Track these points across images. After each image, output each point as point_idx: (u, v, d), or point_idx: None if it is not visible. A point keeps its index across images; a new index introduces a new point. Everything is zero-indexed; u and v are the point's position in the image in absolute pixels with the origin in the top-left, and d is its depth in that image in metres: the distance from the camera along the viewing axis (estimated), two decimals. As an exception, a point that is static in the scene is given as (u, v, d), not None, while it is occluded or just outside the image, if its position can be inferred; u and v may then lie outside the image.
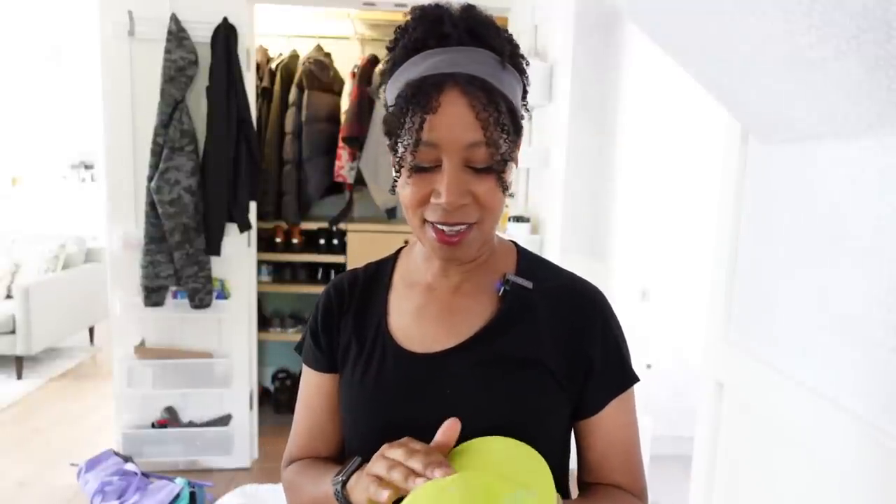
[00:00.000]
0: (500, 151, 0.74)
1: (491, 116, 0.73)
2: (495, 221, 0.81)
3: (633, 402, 0.88)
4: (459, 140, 0.73)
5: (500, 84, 0.75)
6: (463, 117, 0.72)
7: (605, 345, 0.84)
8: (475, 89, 0.73)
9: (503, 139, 0.74)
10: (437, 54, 0.74)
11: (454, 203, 0.74)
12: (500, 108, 0.74)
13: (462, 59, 0.74)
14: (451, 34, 0.75)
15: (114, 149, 2.97)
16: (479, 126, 0.72)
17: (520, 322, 0.84)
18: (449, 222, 0.76)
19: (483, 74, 0.74)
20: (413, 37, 0.76)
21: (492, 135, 0.73)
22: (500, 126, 0.74)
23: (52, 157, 6.26)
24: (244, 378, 3.23)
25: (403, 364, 0.84)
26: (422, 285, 0.89)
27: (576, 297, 0.87)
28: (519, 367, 0.82)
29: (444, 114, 0.72)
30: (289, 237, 3.84)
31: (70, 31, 5.65)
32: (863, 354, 0.95)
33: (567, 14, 2.39)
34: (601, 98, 2.42)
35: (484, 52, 0.75)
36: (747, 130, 1.28)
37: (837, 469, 1.00)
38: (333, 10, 3.73)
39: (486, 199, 0.76)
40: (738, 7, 0.85)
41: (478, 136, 0.73)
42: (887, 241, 0.91)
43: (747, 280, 1.31)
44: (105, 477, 2.54)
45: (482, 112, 0.72)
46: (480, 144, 0.73)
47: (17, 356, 4.32)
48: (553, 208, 2.51)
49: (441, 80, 0.73)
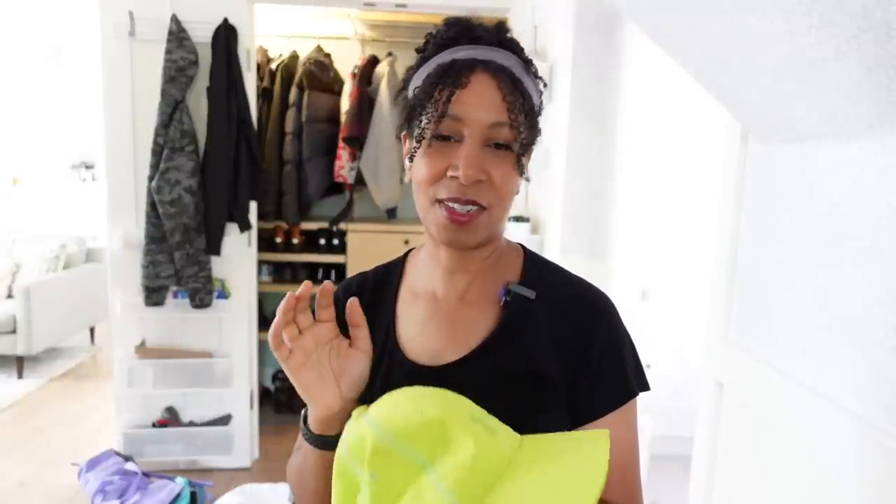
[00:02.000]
0: (521, 136, 0.77)
1: (517, 101, 0.76)
2: (505, 211, 0.81)
3: (633, 418, 0.84)
4: (484, 118, 0.75)
5: (525, 83, 0.80)
6: (490, 97, 0.76)
7: (607, 354, 0.82)
8: (504, 76, 0.77)
9: (525, 126, 0.77)
10: (469, 48, 0.79)
11: (471, 177, 0.75)
12: (525, 99, 0.78)
13: (492, 54, 0.78)
14: (483, 36, 0.80)
15: (114, 149, 2.97)
16: (504, 108, 0.76)
17: (521, 333, 0.83)
18: (461, 199, 0.77)
19: (511, 68, 0.78)
20: (445, 35, 0.80)
21: (516, 117, 0.76)
22: (524, 113, 0.77)
23: (52, 157, 6.26)
24: (244, 378, 3.23)
25: (408, 377, 0.82)
26: (428, 294, 0.88)
27: (580, 306, 0.84)
28: (519, 381, 0.80)
29: (473, 91, 0.75)
30: (289, 237, 3.84)
31: (70, 31, 5.65)
32: (863, 354, 0.95)
33: (567, 14, 2.39)
34: (601, 98, 2.42)
35: (511, 55, 0.80)
36: (747, 130, 1.28)
37: (837, 469, 1.00)
38: (333, 11, 3.73)
39: (501, 181, 0.77)
40: (738, 7, 0.85)
41: (502, 117, 0.76)
42: (887, 241, 0.91)
43: (747, 280, 1.31)
44: (106, 477, 2.54)
45: (509, 95, 0.76)
46: (504, 125, 0.76)
47: (17, 356, 4.32)
48: (553, 208, 2.51)
49: (472, 63, 0.77)
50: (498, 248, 0.87)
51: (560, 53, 2.49)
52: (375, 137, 3.58)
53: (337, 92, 3.78)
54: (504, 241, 0.90)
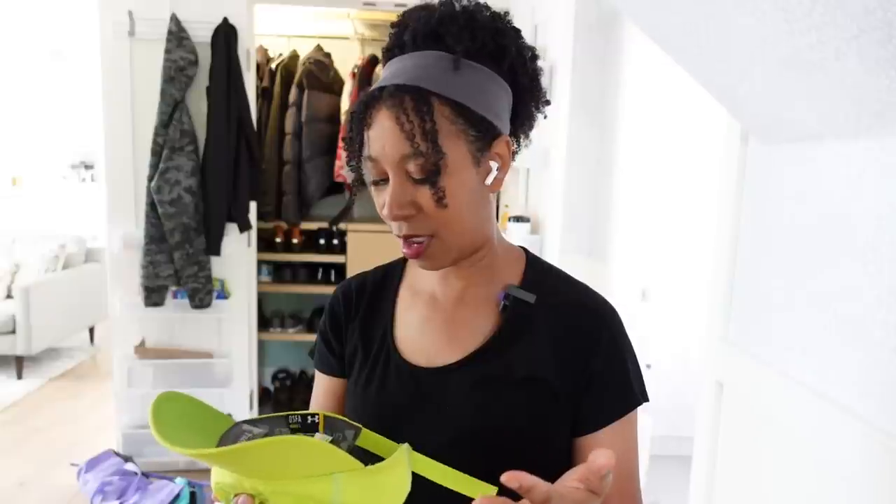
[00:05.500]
0: (431, 161, 0.72)
1: (417, 127, 0.71)
2: (459, 231, 0.77)
3: (634, 429, 0.82)
4: (391, 153, 0.74)
5: (443, 86, 0.73)
6: (391, 131, 0.73)
7: (609, 363, 0.80)
8: (400, 101, 0.72)
9: (432, 148, 0.72)
10: (394, 63, 0.77)
11: (395, 215, 0.75)
12: (432, 114, 0.72)
13: (408, 65, 0.75)
14: (407, 42, 0.77)
15: (114, 149, 2.97)
16: (404, 138, 0.72)
17: (520, 338, 0.81)
18: (402, 235, 0.77)
19: (416, 81, 0.73)
20: (386, 46, 0.80)
21: (419, 146, 0.72)
22: (429, 134, 0.72)
23: (52, 157, 6.26)
24: (244, 378, 3.23)
25: (405, 378, 0.83)
26: (427, 294, 0.87)
27: (581, 313, 0.83)
28: (517, 387, 0.79)
29: (376, 129, 0.74)
30: (289, 237, 3.84)
31: (70, 31, 5.65)
32: (863, 354, 0.95)
33: (567, 14, 2.39)
34: (601, 98, 2.42)
35: (433, 55, 0.75)
36: (747, 130, 1.28)
37: (837, 469, 1.00)
38: (333, 10, 3.73)
39: (430, 209, 0.75)
40: (737, 7, 0.85)
41: (406, 149, 0.72)
42: (887, 241, 0.91)
43: (747, 280, 1.31)
44: (105, 477, 2.54)
45: (406, 124, 0.72)
46: (410, 156, 0.73)
47: (17, 356, 4.32)
48: (553, 208, 2.51)
49: (373, 96, 0.75)
50: (490, 250, 0.85)
51: (560, 53, 2.48)
52: (375, 137, 3.58)
53: (337, 92, 3.78)
54: (503, 243, 0.88)
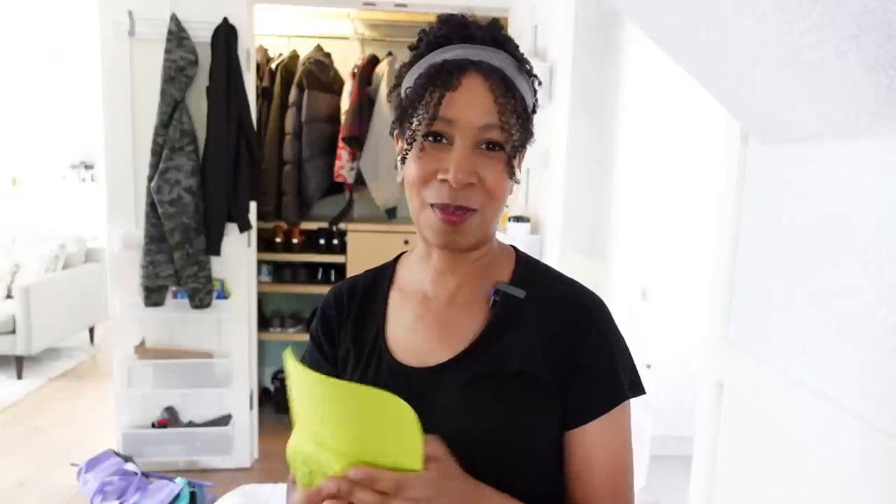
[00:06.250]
0: (513, 137, 0.76)
1: (508, 103, 0.75)
2: (496, 212, 0.80)
3: (624, 423, 0.82)
4: (475, 120, 0.75)
5: (517, 83, 0.78)
6: (481, 99, 0.75)
7: (597, 356, 0.80)
8: (496, 78, 0.76)
9: (517, 128, 0.77)
10: (461, 48, 0.78)
11: (461, 180, 0.74)
12: (517, 100, 0.77)
13: (485, 54, 0.77)
14: (476, 35, 0.79)
15: (114, 149, 2.97)
16: (496, 110, 0.75)
17: (509, 333, 0.81)
18: (452, 204, 0.76)
19: (504, 69, 0.77)
20: (438, 34, 0.80)
21: (508, 119, 0.75)
22: (516, 115, 0.76)
23: (52, 157, 6.27)
24: (244, 378, 3.23)
25: (397, 379, 0.82)
26: (419, 294, 0.87)
27: (571, 307, 0.83)
28: (507, 383, 0.79)
29: (464, 93, 0.75)
30: (289, 237, 3.84)
31: (70, 31, 5.66)
32: (863, 354, 0.95)
33: (567, 14, 2.39)
34: (601, 98, 2.42)
35: (504, 54, 0.79)
36: (747, 130, 1.28)
37: (837, 469, 1.00)
38: (333, 10, 3.73)
39: (492, 183, 0.76)
40: (737, 7, 0.85)
41: (494, 120, 0.75)
42: (887, 241, 0.91)
43: (747, 280, 1.31)
44: (105, 477, 2.54)
45: (500, 97, 0.75)
46: (495, 127, 0.75)
47: (17, 356, 4.32)
48: (553, 208, 2.51)
49: (464, 63, 0.76)
50: (490, 250, 0.86)
51: (560, 53, 2.49)
52: (375, 137, 3.58)
53: (337, 92, 3.78)
54: (496, 243, 0.89)
